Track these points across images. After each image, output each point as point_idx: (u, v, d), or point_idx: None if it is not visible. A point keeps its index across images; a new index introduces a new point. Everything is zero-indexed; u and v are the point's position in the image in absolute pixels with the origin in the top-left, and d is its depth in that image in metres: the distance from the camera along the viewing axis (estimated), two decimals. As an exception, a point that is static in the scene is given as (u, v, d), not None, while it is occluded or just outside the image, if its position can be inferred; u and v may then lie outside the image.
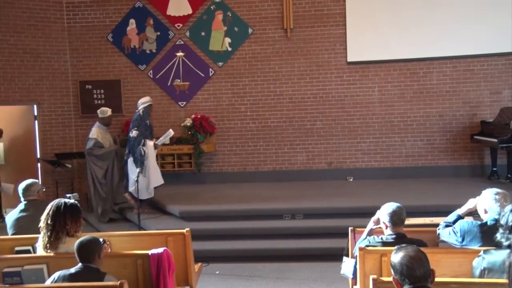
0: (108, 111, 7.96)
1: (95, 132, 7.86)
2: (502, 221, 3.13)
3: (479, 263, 3.21)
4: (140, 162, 7.39)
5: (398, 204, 3.80)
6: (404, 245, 2.70)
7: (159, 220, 7.30)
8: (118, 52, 9.44)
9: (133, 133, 7.49)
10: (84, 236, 3.47)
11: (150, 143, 7.49)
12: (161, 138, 7.73)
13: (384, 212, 3.79)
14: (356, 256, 3.73)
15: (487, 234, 3.46)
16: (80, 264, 3.31)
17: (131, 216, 7.69)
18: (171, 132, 7.74)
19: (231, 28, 9.26)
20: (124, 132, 9.19)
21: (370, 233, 3.99)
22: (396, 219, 3.73)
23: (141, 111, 7.61)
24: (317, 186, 8.45)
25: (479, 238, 3.52)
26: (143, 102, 7.68)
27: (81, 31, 9.40)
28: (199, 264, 4.92)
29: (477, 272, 3.19)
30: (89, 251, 3.32)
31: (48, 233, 3.69)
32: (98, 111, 7.96)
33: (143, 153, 7.41)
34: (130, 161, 7.51)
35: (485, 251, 3.22)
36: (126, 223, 7.76)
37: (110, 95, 9.39)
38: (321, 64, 9.13)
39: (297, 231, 6.67)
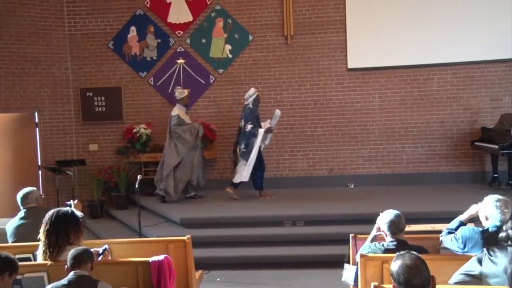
0: (184, 91, 8.39)
1: (177, 110, 8.30)
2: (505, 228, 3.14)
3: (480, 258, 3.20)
4: (247, 154, 7.88)
5: (396, 213, 3.79)
6: (403, 252, 2.69)
7: (159, 227, 7.29)
8: (119, 60, 9.46)
9: (248, 127, 7.91)
10: (77, 247, 3.48)
11: (261, 131, 7.91)
12: (273, 121, 8.09)
13: (383, 221, 3.80)
14: (357, 263, 3.71)
15: (489, 240, 3.46)
16: (72, 273, 3.29)
17: (130, 222, 7.68)
18: (278, 112, 8.13)
19: (231, 35, 9.28)
20: (124, 139, 9.21)
21: (374, 240, 3.98)
22: (394, 228, 3.74)
23: (250, 104, 8.02)
24: (318, 193, 8.43)
25: (481, 245, 3.50)
26: (250, 95, 8.09)
27: (82, 39, 9.43)
28: (200, 271, 4.92)
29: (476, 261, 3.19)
30: (81, 260, 3.32)
31: (51, 249, 3.68)
32: (176, 92, 8.43)
33: (254, 145, 7.87)
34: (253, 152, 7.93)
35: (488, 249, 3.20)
36: (126, 230, 7.75)
37: (111, 102, 9.40)
38: (322, 70, 9.15)
39: (298, 238, 6.65)
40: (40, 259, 3.78)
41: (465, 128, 8.90)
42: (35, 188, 4.94)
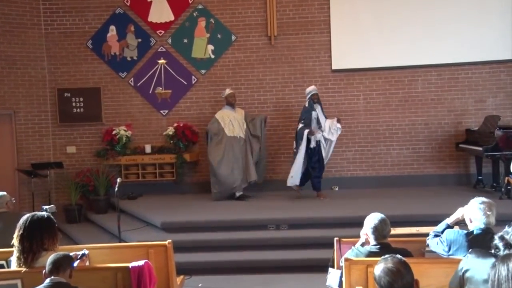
0: (225, 91, 8.47)
1: (219, 112, 8.39)
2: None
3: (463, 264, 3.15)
4: (296, 154, 7.84)
5: (380, 218, 3.75)
6: (387, 256, 2.68)
7: (140, 231, 7.16)
8: (98, 59, 9.27)
9: (299, 126, 7.89)
10: (58, 252, 3.38)
11: (305, 132, 7.76)
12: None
13: (367, 225, 3.77)
14: (342, 267, 3.66)
15: (473, 243, 3.48)
16: (48, 280, 3.18)
17: (110, 227, 7.51)
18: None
19: (214, 35, 9.16)
20: (104, 141, 9.01)
21: (363, 245, 3.93)
22: (377, 235, 3.72)
23: (306, 102, 7.97)
24: (302, 196, 8.33)
25: (465, 248, 3.52)
26: (307, 92, 8.07)
27: (59, 38, 9.21)
28: (181, 276, 4.85)
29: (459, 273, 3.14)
30: (60, 266, 3.21)
31: (25, 255, 3.57)
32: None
33: (301, 145, 7.76)
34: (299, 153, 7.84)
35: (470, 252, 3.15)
36: (105, 235, 7.58)
37: (89, 103, 9.20)
38: (306, 72, 9.08)
39: (282, 242, 6.58)
40: (14, 266, 3.68)
41: (449, 130, 8.92)
42: (5, 193, 4.90)
